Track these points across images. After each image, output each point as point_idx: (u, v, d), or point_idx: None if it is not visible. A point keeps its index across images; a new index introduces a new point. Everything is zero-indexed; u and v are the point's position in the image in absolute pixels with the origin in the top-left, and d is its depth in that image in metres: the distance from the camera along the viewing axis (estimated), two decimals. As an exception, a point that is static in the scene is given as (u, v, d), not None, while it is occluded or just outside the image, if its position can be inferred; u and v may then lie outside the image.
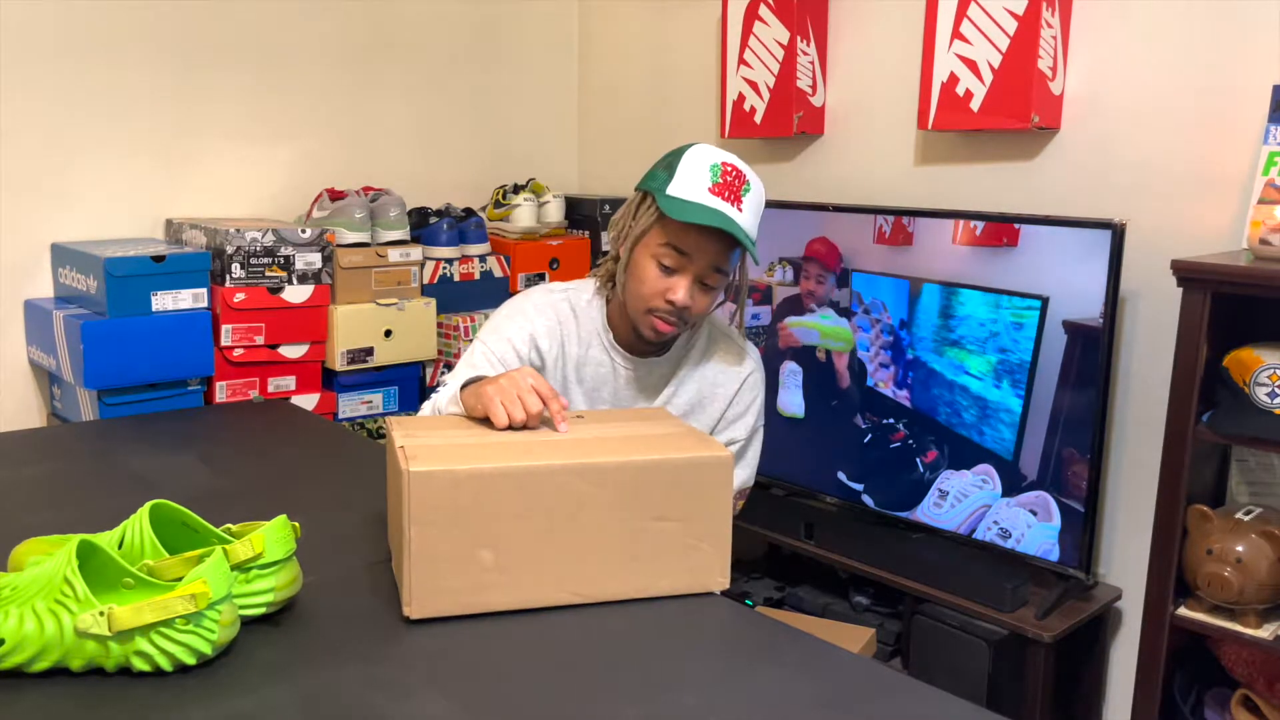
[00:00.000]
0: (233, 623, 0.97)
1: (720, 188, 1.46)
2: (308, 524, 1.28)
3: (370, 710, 0.90)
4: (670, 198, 1.46)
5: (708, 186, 1.46)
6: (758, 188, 1.50)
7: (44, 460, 1.59)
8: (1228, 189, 1.91)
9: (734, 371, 1.63)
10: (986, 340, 2.06)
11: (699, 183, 1.46)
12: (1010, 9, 2.04)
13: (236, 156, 2.59)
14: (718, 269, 1.48)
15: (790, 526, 2.34)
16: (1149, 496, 1.84)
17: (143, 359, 2.12)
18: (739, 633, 1.08)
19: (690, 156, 1.49)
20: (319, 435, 1.78)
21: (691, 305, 1.49)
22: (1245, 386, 1.67)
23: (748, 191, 1.48)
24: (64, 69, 2.32)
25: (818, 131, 2.53)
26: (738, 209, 1.45)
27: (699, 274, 1.47)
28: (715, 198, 1.45)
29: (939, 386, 2.14)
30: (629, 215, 1.55)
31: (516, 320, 1.55)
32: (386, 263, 2.44)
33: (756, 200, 1.49)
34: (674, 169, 1.49)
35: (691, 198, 1.45)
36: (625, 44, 3.05)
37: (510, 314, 1.57)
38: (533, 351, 1.54)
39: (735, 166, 1.48)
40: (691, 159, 1.48)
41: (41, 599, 0.93)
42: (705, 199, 1.45)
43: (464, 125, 2.99)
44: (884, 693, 0.96)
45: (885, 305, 2.21)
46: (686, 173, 1.48)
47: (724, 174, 1.46)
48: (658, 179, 1.50)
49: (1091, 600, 2.04)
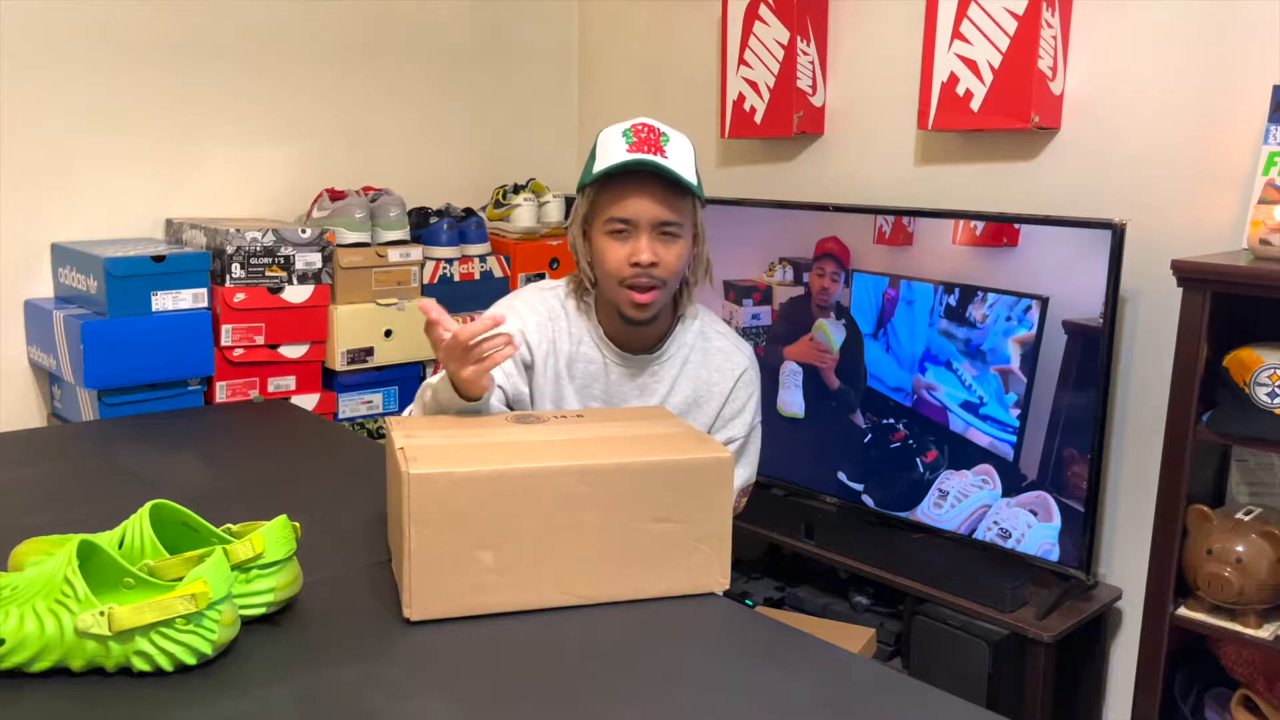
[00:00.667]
0: (233, 623, 0.97)
1: (636, 145, 1.47)
2: (308, 524, 1.28)
3: (370, 710, 0.90)
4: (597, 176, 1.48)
5: (624, 149, 1.47)
6: (680, 138, 1.50)
7: (44, 460, 1.59)
8: (1228, 189, 1.91)
9: (728, 369, 1.62)
10: (986, 340, 2.06)
11: (616, 149, 1.48)
12: (1010, 9, 2.04)
13: (236, 157, 2.59)
14: (667, 220, 1.48)
15: (790, 526, 2.34)
16: (1149, 496, 1.84)
17: (143, 359, 2.12)
18: (739, 633, 1.08)
19: (602, 135, 1.51)
20: (319, 435, 1.78)
21: (658, 260, 1.49)
22: (1245, 386, 1.67)
23: (667, 141, 1.48)
24: (64, 69, 2.32)
25: (818, 131, 2.53)
26: (660, 156, 1.46)
27: (651, 228, 1.48)
28: (634, 154, 1.46)
29: (939, 386, 2.14)
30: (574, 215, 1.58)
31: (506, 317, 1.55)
32: (386, 263, 2.44)
33: (681, 147, 1.50)
34: (593, 154, 1.52)
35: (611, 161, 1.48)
36: (625, 44, 3.05)
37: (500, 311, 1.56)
38: (522, 347, 1.54)
39: (648, 124, 1.49)
40: (604, 136, 1.51)
41: (42, 599, 0.93)
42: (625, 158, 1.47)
43: (464, 125, 2.99)
44: (884, 693, 0.96)
45: (885, 305, 2.21)
46: (602, 148, 1.50)
47: (636, 133, 1.48)
48: (585, 173, 1.54)
49: (1091, 600, 2.04)
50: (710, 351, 1.63)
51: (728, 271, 2.49)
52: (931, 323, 2.14)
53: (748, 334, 2.47)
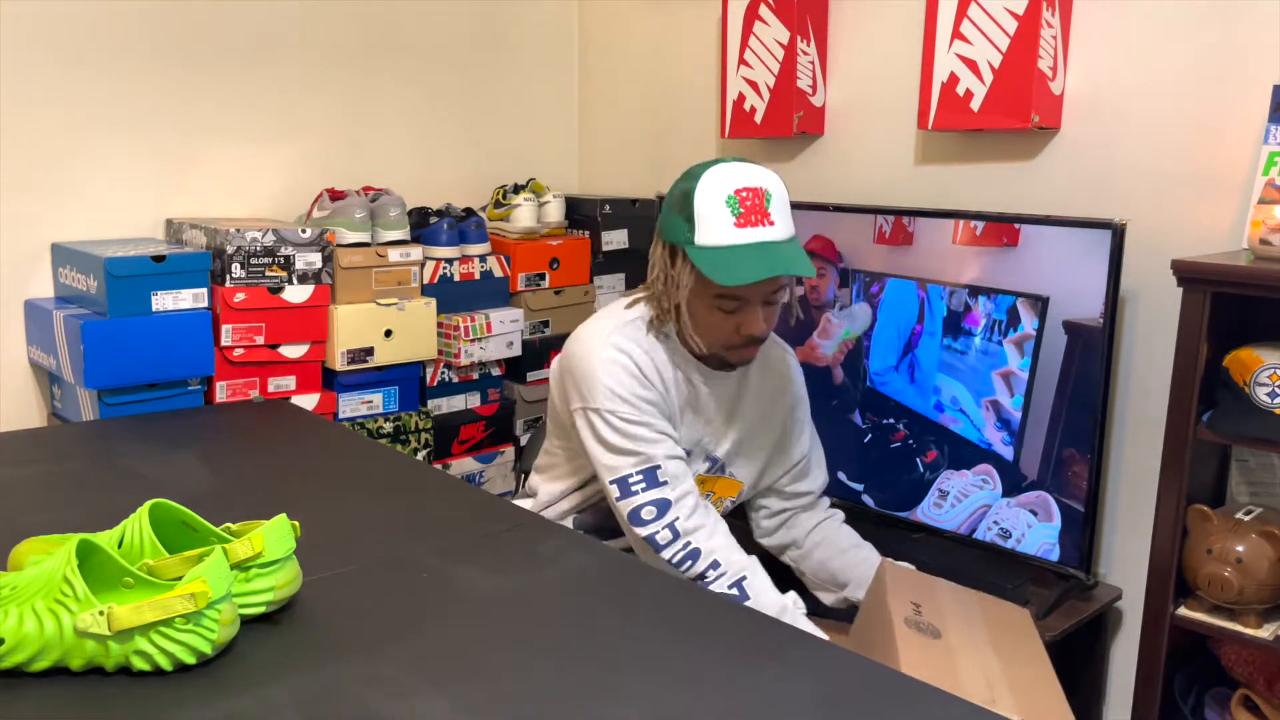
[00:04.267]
0: (232, 622, 0.97)
1: (744, 218, 1.42)
2: (308, 524, 1.28)
3: (370, 710, 0.90)
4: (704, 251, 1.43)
5: (733, 223, 1.42)
6: (776, 186, 1.48)
7: (44, 460, 1.59)
8: (1228, 189, 1.91)
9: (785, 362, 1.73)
10: (986, 340, 2.06)
11: (723, 222, 1.43)
12: (1010, 9, 2.04)
13: (236, 156, 2.59)
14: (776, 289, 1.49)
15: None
16: (1149, 496, 1.84)
17: (143, 359, 2.12)
18: (739, 632, 1.08)
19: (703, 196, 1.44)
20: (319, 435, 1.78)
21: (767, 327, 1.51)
22: (1245, 386, 1.67)
23: (770, 201, 1.45)
24: (64, 69, 2.32)
25: (818, 131, 2.53)
26: (768, 224, 1.43)
27: (762, 300, 1.48)
28: (744, 229, 1.42)
29: (939, 386, 2.14)
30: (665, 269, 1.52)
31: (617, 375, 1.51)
32: (386, 263, 2.44)
33: (781, 199, 1.48)
34: (692, 215, 1.45)
35: (723, 241, 1.43)
36: (625, 44, 3.05)
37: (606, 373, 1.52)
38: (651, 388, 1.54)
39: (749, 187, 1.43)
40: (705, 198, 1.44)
41: (41, 598, 0.93)
42: (736, 237, 1.42)
43: (464, 125, 2.99)
44: (884, 693, 0.96)
45: (885, 306, 2.21)
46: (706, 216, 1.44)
47: (742, 202, 1.43)
48: (679, 230, 1.47)
49: (1091, 600, 2.04)
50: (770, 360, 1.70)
51: (728, 271, 2.48)
52: (932, 322, 2.14)
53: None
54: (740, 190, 1.44)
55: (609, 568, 1.24)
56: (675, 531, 1.48)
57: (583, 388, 1.55)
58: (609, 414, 1.52)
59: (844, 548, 1.83)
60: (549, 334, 2.79)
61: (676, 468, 1.53)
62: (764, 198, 1.44)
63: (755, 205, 1.43)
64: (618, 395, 1.52)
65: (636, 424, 1.51)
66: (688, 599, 1.15)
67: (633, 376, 1.53)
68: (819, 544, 1.84)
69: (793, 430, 1.75)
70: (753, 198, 1.43)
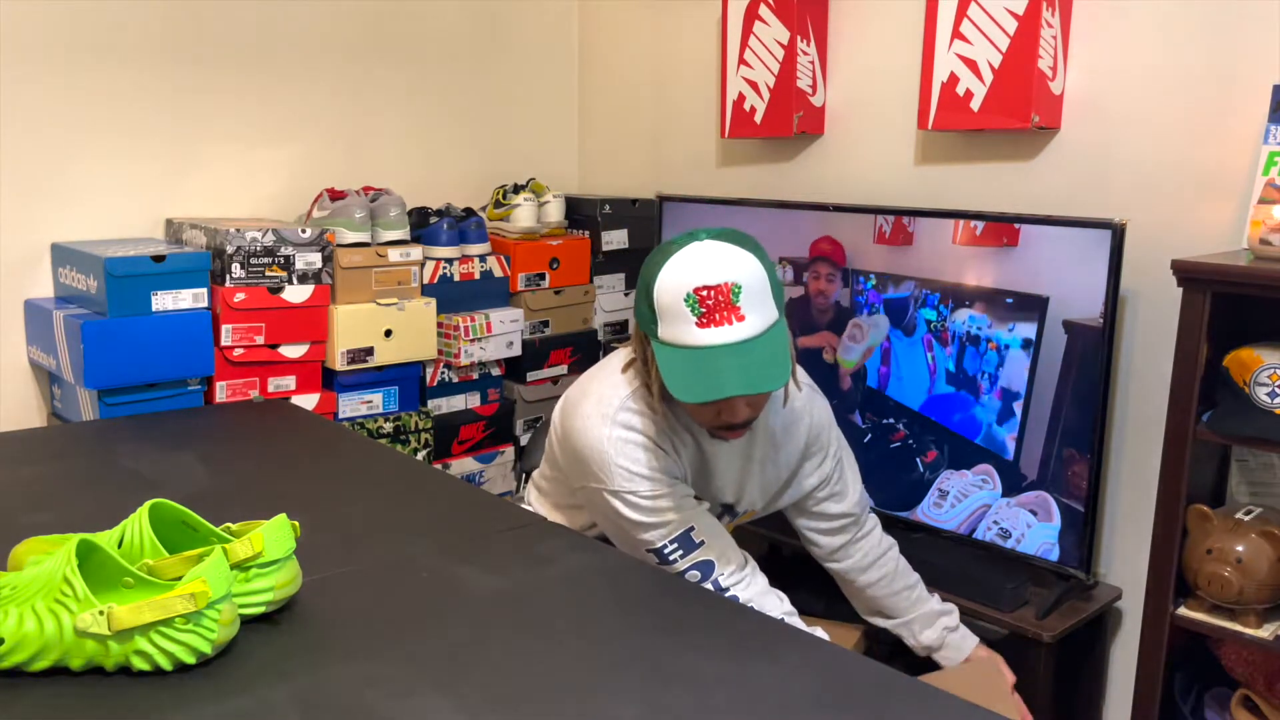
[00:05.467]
0: (232, 622, 0.97)
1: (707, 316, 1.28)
2: (308, 524, 1.28)
3: (370, 710, 0.90)
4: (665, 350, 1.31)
5: (694, 323, 1.29)
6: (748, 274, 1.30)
7: (44, 460, 1.59)
8: (1228, 189, 1.91)
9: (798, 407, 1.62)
10: (986, 340, 2.06)
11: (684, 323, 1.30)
12: (1010, 9, 2.04)
13: (236, 156, 2.59)
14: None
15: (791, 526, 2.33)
16: (1149, 496, 1.84)
17: (143, 359, 2.12)
18: (739, 632, 1.08)
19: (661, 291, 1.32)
20: (319, 435, 1.78)
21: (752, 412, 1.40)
22: (1245, 386, 1.66)
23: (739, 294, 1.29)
24: (64, 69, 2.32)
25: (818, 131, 2.53)
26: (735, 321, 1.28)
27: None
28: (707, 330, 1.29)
29: (939, 386, 2.14)
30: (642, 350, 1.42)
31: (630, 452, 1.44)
32: (386, 263, 2.44)
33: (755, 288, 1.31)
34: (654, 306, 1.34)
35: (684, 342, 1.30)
36: (625, 44, 3.05)
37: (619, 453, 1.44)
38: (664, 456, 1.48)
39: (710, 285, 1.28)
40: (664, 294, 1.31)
41: (41, 598, 0.93)
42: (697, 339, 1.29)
43: (464, 125, 2.99)
44: (884, 692, 0.96)
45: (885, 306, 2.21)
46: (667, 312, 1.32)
47: (702, 301, 1.28)
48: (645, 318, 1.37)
49: (1091, 600, 2.04)
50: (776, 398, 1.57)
51: (728, 271, 2.48)
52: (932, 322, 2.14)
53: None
54: (700, 289, 1.29)
55: (609, 568, 1.24)
56: (719, 587, 1.46)
57: (594, 469, 1.47)
58: (629, 495, 1.44)
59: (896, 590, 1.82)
60: (549, 334, 2.79)
61: (708, 523, 1.49)
62: (730, 293, 1.28)
63: (720, 303, 1.28)
64: (635, 474, 1.44)
65: (659, 497, 1.45)
66: (687, 599, 1.15)
67: (647, 451, 1.45)
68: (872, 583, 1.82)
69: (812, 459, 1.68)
70: (715, 295, 1.28)
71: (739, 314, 1.29)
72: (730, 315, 1.29)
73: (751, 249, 1.34)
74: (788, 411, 1.62)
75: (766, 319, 1.32)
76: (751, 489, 1.64)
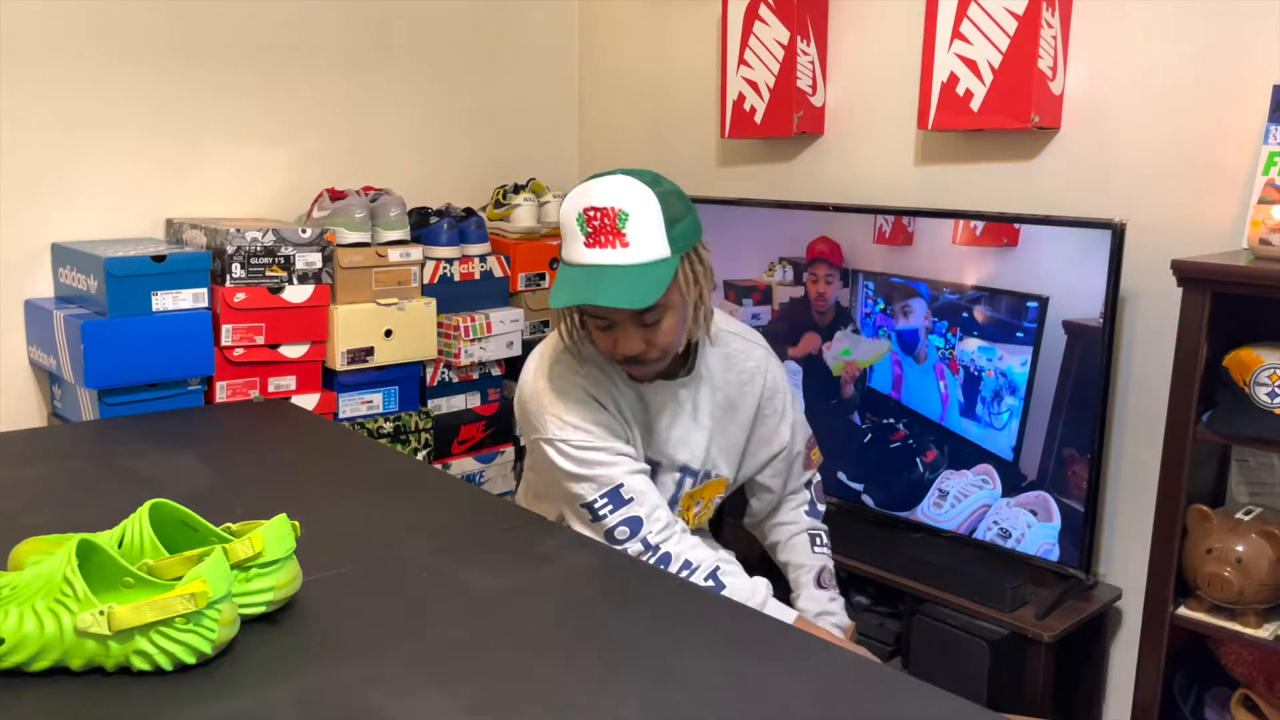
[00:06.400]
0: (233, 622, 0.97)
1: (593, 238, 1.37)
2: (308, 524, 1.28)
3: (370, 710, 0.90)
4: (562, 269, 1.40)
5: (583, 242, 1.37)
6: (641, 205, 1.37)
7: (44, 460, 1.59)
8: (1228, 189, 1.91)
9: (752, 370, 1.65)
10: (986, 340, 2.06)
11: (575, 241, 1.39)
12: (1010, 9, 2.04)
13: (237, 156, 2.59)
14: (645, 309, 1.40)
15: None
16: (1149, 496, 1.84)
17: (143, 359, 2.12)
18: (738, 631, 1.08)
19: (564, 212, 1.41)
20: (319, 435, 1.78)
21: (645, 348, 1.44)
22: (1245, 386, 1.67)
23: (626, 221, 1.36)
24: (64, 69, 2.32)
25: (818, 131, 2.53)
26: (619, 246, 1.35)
27: (630, 318, 1.41)
28: (592, 250, 1.37)
29: (939, 386, 2.14)
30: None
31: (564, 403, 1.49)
32: (387, 263, 2.44)
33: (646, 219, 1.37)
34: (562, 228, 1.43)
35: (573, 260, 1.39)
36: (625, 44, 3.05)
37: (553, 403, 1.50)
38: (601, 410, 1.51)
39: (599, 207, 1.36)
40: (565, 215, 1.40)
41: (41, 598, 0.93)
42: (583, 258, 1.37)
43: (464, 125, 2.99)
44: (883, 692, 0.96)
45: (885, 306, 2.21)
46: (566, 233, 1.41)
47: (589, 221, 1.37)
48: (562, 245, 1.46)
49: (1091, 600, 2.04)
50: (732, 356, 1.64)
51: (728, 271, 2.49)
52: (931, 322, 2.14)
53: (748, 334, 2.46)
54: (589, 210, 1.37)
55: (608, 568, 1.24)
56: (648, 544, 1.48)
57: (533, 420, 1.53)
58: (561, 443, 1.49)
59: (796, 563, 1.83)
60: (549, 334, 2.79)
61: (639, 483, 1.51)
62: (616, 218, 1.36)
63: (605, 226, 1.36)
64: (567, 423, 1.49)
65: (590, 449, 1.49)
66: (687, 599, 1.15)
67: (580, 403, 1.50)
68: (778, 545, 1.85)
69: (769, 421, 1.71)
70: (602, 217, 1.36)
71: (624, 240, 1.36)
72: (615, 239, 1.36)
73: (655, 187, 1.40)
74: (741, 373, 1.64)
75: (653, 252, 1.38)
76: (713, 452, 1.65)
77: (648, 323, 1.42)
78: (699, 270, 1.46)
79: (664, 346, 1.46)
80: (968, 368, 2.09)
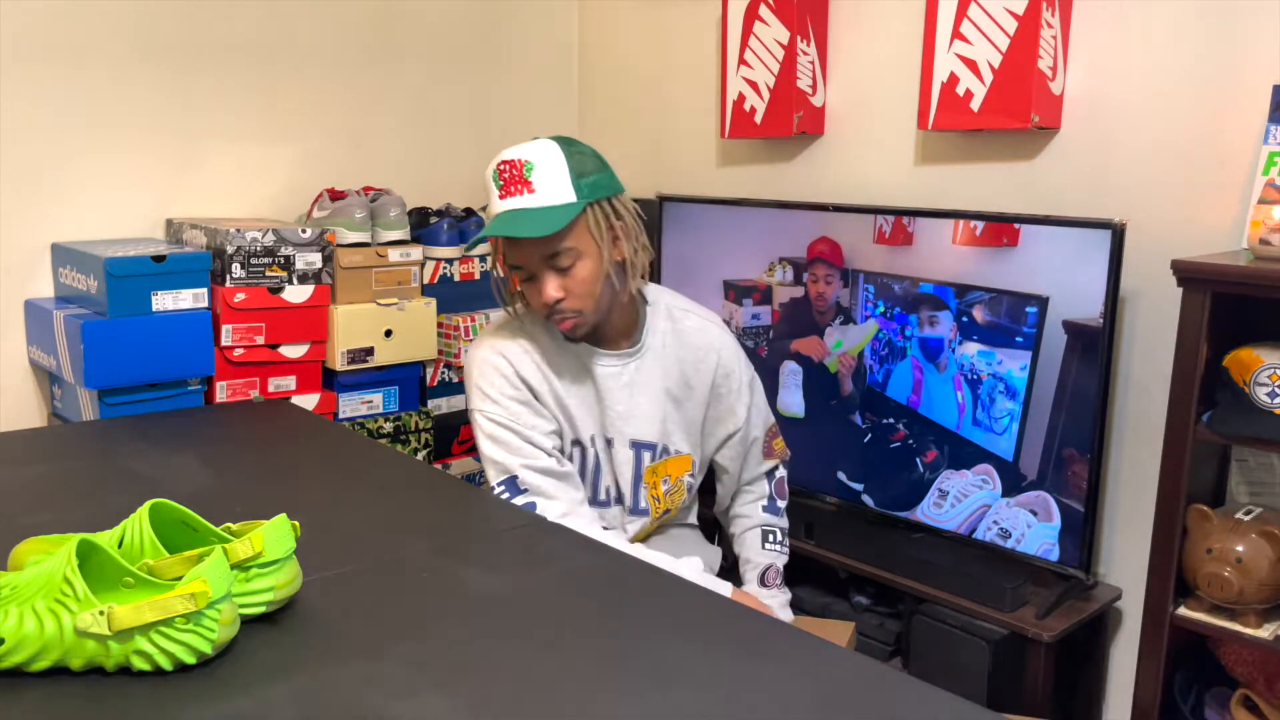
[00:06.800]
0: (233, 622, 0.97)
1: (504, 189, 1.50)
2: (308, 524, 1.28)
3: (370, 710, 0.90)
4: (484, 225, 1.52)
5: (497, 195, 1.51)
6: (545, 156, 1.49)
7: (44, 460, 1.59)
8: (1228, 189, 1.91)
9: (707, 345, 1.69)
10: (986, 340, 2.06)
11: (493, 196, 1.51)
12: (1010, 9, 2.04)
13: (237, 156, 2.59)
14: (554, 252, 1.49)
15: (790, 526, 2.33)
16: (1149, 496, 1.84)
17: (143, 359, 2.12)
18: (738, 630, 1.08)
19: (487, 173, 1.53)
20: (319, 435, 1.78)
21: (564, 293, 1.51)
22: (1245, 386, 1.67)
23: (531, 170, 1.49)
24: (64, 69, 2.32)
25: (818, 131, 2.53)
26: (526, 193, 1.47)
27: (544, 264, 1.50)
28: (505, 200, 1.49)
29: (939, 386, 2.14)
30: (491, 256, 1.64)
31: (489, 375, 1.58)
32: (387, 263, 2.44)
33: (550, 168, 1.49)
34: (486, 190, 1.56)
35: (491, 212, 1.52)
36: (625, 44, 3.05)
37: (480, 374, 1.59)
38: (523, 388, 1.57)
39: (509, 160, 1.49)
40: (487, 175, 1.53)
41: (41, 598, 0.93)
42: (498, 208, 1.50)
43: (464, 125, 2.99)
44: (883, 692, 0.96)
45: (885, 306, 2.21)
46: (488, 191, 1.53)
47: (501, 174, 1.50)
48: None
49: (1091, 600, 2.04)
50: (685, 332, 1.68)
51: (728, 271, 2.49)
52: (931, 322, 2.14)
53: (748, 334, 2.47)
54: (501, 164, 1.50)
55: (609, 568, 1.24)
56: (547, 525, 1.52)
57: (469, 390, 1.62)
58: (478, 413, 1.58)
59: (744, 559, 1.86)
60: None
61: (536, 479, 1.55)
62: (523, 168, 1.48)
63: (514, 176, 1.49)
64: (487, 395, 1.56)
65: (501, 426, 1.56)
66: (687, 599, 1.15)
67: (503, 377, 1.57)
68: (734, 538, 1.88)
69: (724, 399, 1.73)
70: (511, 169, 1.49)
71: (530, 187, 1.48)
72: (522, 188, 1.48)
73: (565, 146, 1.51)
74: (696, 349, 1.68)
75: (559, 197, 1.48)
76: (669, 426, 1.67)
77: (561, 267, 1.50)
78: (615, 222, 1.55)
79: (582, 294, 1.52)
80: (965, 368, 2.09)
